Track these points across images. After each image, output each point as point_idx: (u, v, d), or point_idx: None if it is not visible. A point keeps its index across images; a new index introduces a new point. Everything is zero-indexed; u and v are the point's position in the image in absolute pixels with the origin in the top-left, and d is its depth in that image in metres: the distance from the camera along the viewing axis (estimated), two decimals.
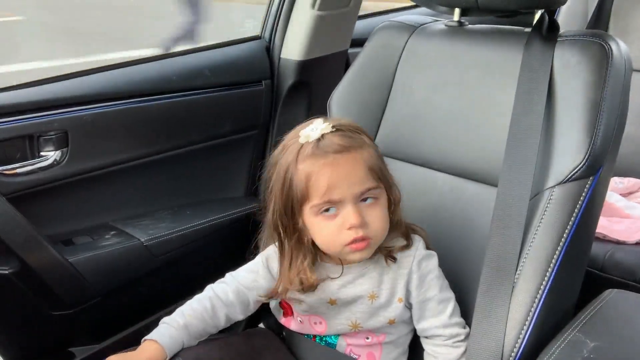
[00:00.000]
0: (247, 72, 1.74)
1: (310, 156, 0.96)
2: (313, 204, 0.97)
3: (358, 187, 0.96)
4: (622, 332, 1.00)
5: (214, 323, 1.06)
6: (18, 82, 1.41)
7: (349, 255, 1.00)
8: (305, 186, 0.96)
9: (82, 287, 1.40)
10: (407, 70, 1.28)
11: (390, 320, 1.06)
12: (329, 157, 0.96)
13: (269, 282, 1.09)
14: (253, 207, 1.74)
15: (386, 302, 1.05)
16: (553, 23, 1.18)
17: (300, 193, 0.97)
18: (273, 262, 1.09)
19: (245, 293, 1.08)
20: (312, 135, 0.98)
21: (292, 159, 0.98)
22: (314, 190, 0.96)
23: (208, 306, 1.05)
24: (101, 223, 1.54)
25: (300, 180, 0.96)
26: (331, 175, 0.95)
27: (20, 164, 1.37)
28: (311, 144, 0.97)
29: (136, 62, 1.58)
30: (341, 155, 0.96)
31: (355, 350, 1.10)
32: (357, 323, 1.07)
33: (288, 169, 0.98)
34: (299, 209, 0.99)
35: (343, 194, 0.95)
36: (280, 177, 0.99)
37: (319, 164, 0.96)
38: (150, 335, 1.02)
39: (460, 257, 1.14)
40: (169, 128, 1.59)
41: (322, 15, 1.71)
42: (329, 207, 0.97)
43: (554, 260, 1.02)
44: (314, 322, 1.10)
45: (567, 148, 1.05)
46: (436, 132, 1.21)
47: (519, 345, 0.99)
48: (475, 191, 1.16)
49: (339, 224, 0.97)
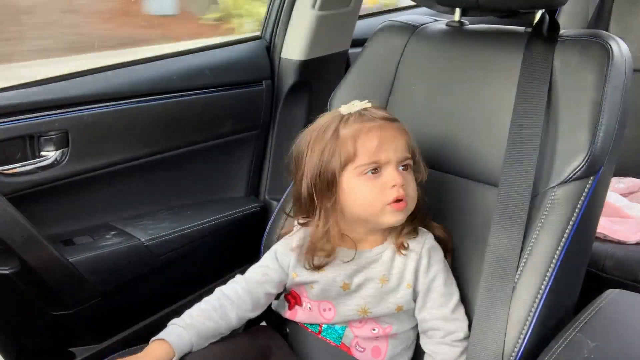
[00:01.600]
0: (247, 72, 1.74)
1: (358, 121, 1.02)
2: (359, 164, 1.00)
3: (401, 153, 1.02)
4: (622, 332, 1.00)
5: (225, 323, 1.06)
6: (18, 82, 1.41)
7: (387, 216, 1.02)
8: (353, 147, 1.00)
9: (83, 287, 1.40)
10: (408, 70, 1.28)
11: (398, 306, 1.07)
12: (376, 122, 1.02)
13: (280, 275, 1.11)
14: (253, 207, 1.74)
15: (395, 286, 1.06)
16: (553, 23, 1.18)
17: (345, 155, 1.00)
18: (283, 255, 1.11)
19: (256, 288, 1.09)
20: (354, 108, 1.05)
21: (332, 129, 1.02)
22: (363, 151, 1.00)
23: (216, 305, 1.06)
24: (102, 223, 1.54)
25: (347, 141, 1.01)
26: (380, 136, 1.01)
27: (21, 164, 1.37)
28: (355, 113, 1.04)
29: (136, 62, 1.58)
30: (387, 122, 1.03)
31: (362, 343, 1.10)
32: (366, 308, 1.07)
33: (329, 139, 1.02)
34: (339, 173, 1.01)
35: (389, 156, 1.01)
36: (317, 149, 1.03)
37: (368, 126, 1.02)
38: (158, 335, 1.01)
39: (461, 256, 1.14)
40: (169, 128, 1.59)
41: (323, 15, 1.71)
42: (375, 167, 1.01)
43: (554, 260, 1.02)
44: (323, 309, 1.11)
45: (567, 148, 1.05)
46: (437, 132, 1.21)
47: (519, 345, 0.99)
48: (476, 191, 1.16)
49: (382, 183, 1.01)
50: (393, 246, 1.07)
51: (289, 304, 1.16)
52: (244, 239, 1.71)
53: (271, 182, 1.83)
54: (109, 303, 1.47)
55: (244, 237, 1.70)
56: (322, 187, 1.03)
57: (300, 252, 1.08)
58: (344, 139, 1.01)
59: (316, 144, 1.03)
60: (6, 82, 1.40)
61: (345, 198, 1.03)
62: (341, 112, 1.05)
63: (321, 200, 1.04)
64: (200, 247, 1.61)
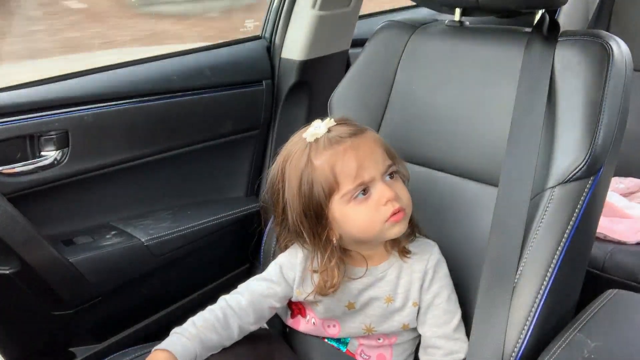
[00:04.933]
0: (247, 72, 1.74)
1: (328, 147, 0.97)
2: (344, 192, 0.96)
3: (382, 164, 0.98)
4: (622, 332, 1.00)
5: (227, 334, 1.01)
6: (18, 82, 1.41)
7: (389, 231, 0.98)
8: (333, 176, 0.96)
9: (83, 287, 1.40)
10: (408, 70, 1.28)
11: (404, 325, 1.06)
12: (347, 142, 0.97)
13: (285, 289, 1.06)
14: (253, 207, 1.74)
15: (401, 306, 1.05)
16: (554, 23, 1.18)
17: (327, 186, 0.96)
18: (288, 269, 1.07)
19: (260, 301, 1.05)
20: (319, 131, 0.99)
21: (305, 159, 0.97)
22: (344, 177, 0.96)
23: (220, 316, 1.01)
24: (102, 223, 1.54)
25: (324, 173, 0.96)
26: (357, 157, 0.96)
27: (21, 164, 1.37)
28: (322, 138, 0.98)
29: (136, 62, 1.58)
30: (357, 137, 0.98)
31: (367, 351, 1.09)
32: (371, 327, 1.06)
33: (303, 171, 0.97)
34: (325, 205, 0.97)
35: (372, 173, 0.97)
36: (294, 183, 0.98)
37: (340, 150, 0.96)
38: (161, 345, 0.97)
39: (461, 257, 1.14)
40: (169, 128, 1.59)
41: (323, 15, 1.71)
42: (363, 189, 0.97)
43: (554, 261, 1.02)
44: (327, 325, 1.09)
45: (567, 148, 1.05)
46: (437, 132, 1.21)
47: (519, 345, 0.99)
48: (476, 191, 1.16)
49: (374, 202, 0.97)
50: (398, 261, 1.05)
51: (292, 312, 1.14)
52: (244, 239, 1.71)
53: None
54: (109, 303, 1.47)
55: (244, 237, 1.70)
56: (310, 222, 0.99)
57: (304, 271, 1.05)
58: (321, 168, 0.96)
59: (292, 177, 0.98)
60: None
61: (341, 226, 0.99)
62: (307, 140, 0.99)
63: (313, 235, 1.00)
64: (200, 247, 1.61)
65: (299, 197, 0.98)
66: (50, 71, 1.44)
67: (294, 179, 0.98)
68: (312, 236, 1.00)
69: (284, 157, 1.01)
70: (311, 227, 0.99)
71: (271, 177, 1.03)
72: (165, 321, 1.61)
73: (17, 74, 1.68)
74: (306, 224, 0.99)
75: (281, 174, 1.01)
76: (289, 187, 0.99)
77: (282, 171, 1.01)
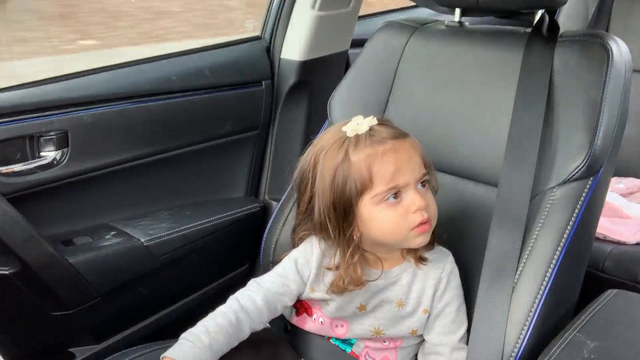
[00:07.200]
0: (247, 72, 1.74)
1: (368, 146, 0.96)
2: (376, 193, 0.95)
3: (418, 172, 0.98)
4: (622, 332, 1.00)
5: (237, 336, 0.99)
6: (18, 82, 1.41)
7: (413, 240, 0.98)
8: (368, 175, 0.95)
9: (82, 287, 1.40)
10: (408, 71, 1.28)
11: (413, 330, 1.05)
12: (388, 144, 0.96)
13: (299, 286, 1.05)
14: (253, 207, 1.74)
15: (412, 311, 1.04)
16: (553, 23, 1.18)
17: (361, 183, 0.95)
18: (303, 266, 1.06)
19: (274, 299, 1.03)
20: (360, 128, 0.98)
21: (342, 153, 0.96)
22: (379, 178, 0.95)
23: (233, 319, 0.98)
24: (101, 223, 1.53)
25: (360, 170, 0.95)
26: (396, 159, 0.95)
27: (21, 164, 1.37)
28: (363, 135, 0.97)
29: (136, 62, 1.58)
30: (398, 141, 0.97)
31: (372, 353, 1.09)
32: (379, 329, 1.06)
33: (338, 164, 0.96)
34: (355, 202, 0.96)
35: (407, 179, 0.96)
36: (327, 174, 0.97)
37: (381, 150, 0.95)
38: (171, 354, 0.92)
39: (460, 256, 1.13)
40: (169, 128, 1.59)
41: (323, 16, 1.71)
42: (395, 193, 0.96)
43: (554, 261, 1.02)
44: (335, 325, 1.08)
45: (567, 148, 1.05)
46: (436, 132, 1.21)
47: (519, 345, 0.99)
48: (475, 191, 1.16)
49: (404, 208, 0.96)
50: (413, 267, 1.04)
51: (297, 310, 1.12)
52: (244, 239, 1.71)
53: (271, 182, 1.83)
54: (109, 303, 1.47)
55: (243, 237, 1.70)
56: (337, 217, 0.98)
57: (319, 268, 1.04)
58: (357, 165, 0.95)
59: (326, 169, 0.97)
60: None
61: (366, 226, 0.98)
62: (347, 134, 0.98)
63: (338, 230, 0.99)
64: (200, 247, 1.60)
65: (331, 190, 0.97)
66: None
67: (327, 170, 0.97)
68: (337, 231, 0.99)
69: (319, 148, 1.00)
70: (337, 221, 0.98)
71: (302, 165, 1.03)
72: (165, 321, 1.61)
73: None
74: (333, 218, 0.98)
75: (313, 164, 1.00)
76: (321, 178, 0.98)
77: (315, 161, 1.00)
